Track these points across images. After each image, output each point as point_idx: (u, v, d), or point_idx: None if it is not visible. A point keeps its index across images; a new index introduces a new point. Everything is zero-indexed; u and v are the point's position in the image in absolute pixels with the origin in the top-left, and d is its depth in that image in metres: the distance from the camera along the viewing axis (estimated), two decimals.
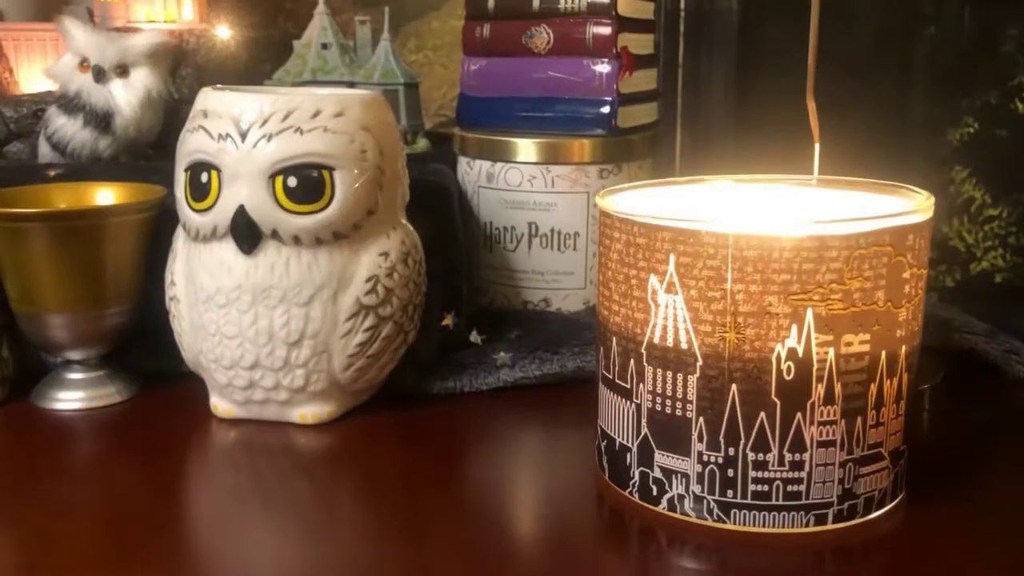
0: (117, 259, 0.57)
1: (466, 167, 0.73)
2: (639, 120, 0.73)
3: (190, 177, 0.53)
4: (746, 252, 0.40)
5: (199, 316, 0.54)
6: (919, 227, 0.42)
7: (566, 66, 0.70)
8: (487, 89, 0.73)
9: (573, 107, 0.70)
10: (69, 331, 0.57)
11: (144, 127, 0.71)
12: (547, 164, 0.69)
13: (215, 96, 0.53)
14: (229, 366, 0.54)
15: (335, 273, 0.53)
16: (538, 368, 0.60)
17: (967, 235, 1.15)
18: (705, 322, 0.41)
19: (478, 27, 0.72)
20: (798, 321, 0.40)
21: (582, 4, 0.68)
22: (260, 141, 0.51)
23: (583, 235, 0.70)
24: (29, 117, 0.76)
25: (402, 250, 0.56)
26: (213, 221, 0.52)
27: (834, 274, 0.40)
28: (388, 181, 0.55)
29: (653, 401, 0.43)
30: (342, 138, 0.52)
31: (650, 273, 0.42)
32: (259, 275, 0.52)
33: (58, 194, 0.61)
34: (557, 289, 0.71)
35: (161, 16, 0.88)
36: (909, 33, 1.09)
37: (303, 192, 0.52)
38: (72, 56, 0.69)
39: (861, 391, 0.41)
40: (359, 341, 0.54)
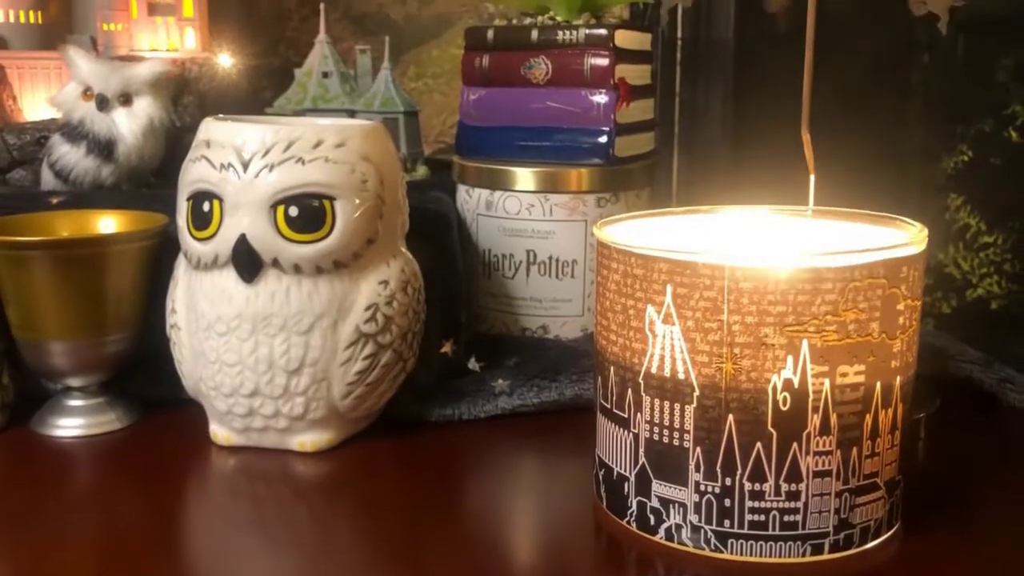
0: (118, 287, 0.57)
1: (465, 195, 0.74)
2: (636, 150, 0.74)
3: (192, 206, 0.54)
4: (742, 284, 0.40)
5: (199, 344, 0.55)
6: (913, 259, 0.42)
7: (564, 96, 0.71)
8: (486, 119, 0.74)
9: (571, 137, 0.71)
10: (70, 358, 0.57)
11: (146, 155, 0.71)
12: (545, 193, 0.70)
13: (218, 126, 0.54)
14: (229, 394, 0.54)
15: (335, 301, 0.54)
16: (536, 396, 0.60)
17: (963, 262, 1.16)
18: (702, 352, 0.41)
19: (477, 58, 0.73)
20: (794, 352, 0.40)
21: (580, 36, 0.69)
22: (262, 171, 0.52)
23: (581, 263, 0.71)
24: (32, 144, 0.77)
25: (402, 278, 0.56)
26: (215, 250, 0.53)
27: (829, 306, 0.40)
28: (388, 210, 0.56)
29: (651, 431, 0.43)
30: (343, 168, 0.53)
31: (647, 303, 0.43)
32: (259, 303, 0.53)
33: (60, 222, 0.62)
34: (555, 316, 0.71)
35: (164, 45, 0.89)
36: (904, 61, 1.10)
37: (304, 221, 0.52)
38: (76, 85, 0.70)
39: (856, 421, 0.41)
40: (358, 369, 0.54)
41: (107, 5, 0.86)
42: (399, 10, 1.17)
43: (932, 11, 0.59)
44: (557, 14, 0.73)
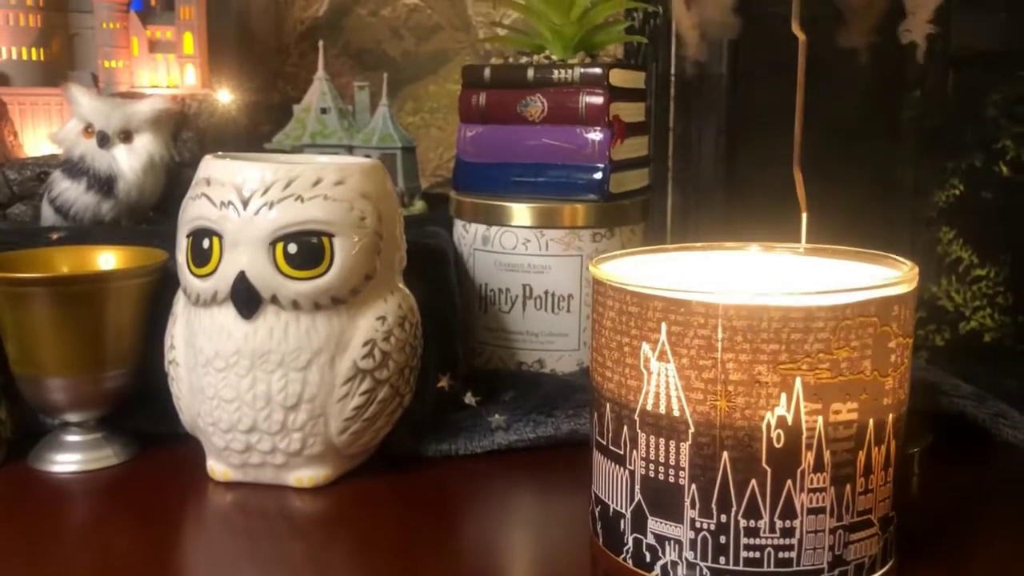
0: (118, 323, 0.58)
1: (462, 230, 0.75)
2: (631, 185, 0.75)
3: (192, 243, 0.54)
4: (735, 322, 0.41)
5: (198, 379, 0.55)
6: (904, 297, 0.43)
7: (560, 134, 0.72)
8: (483, 155, 0.75)
9: (567, 173, 0.72)
10: (68, 394, 0.58)
11: (146, 191, 0.72)
12: (541, 228, 0.71)
13: (218, 164, 0.55)
14: (227, 429, 0.54)
15: (333, 337, 0.54)
16: (533, 431, 0.61)
17: (955, 295, 1.17)
18: (697, 390, 0.42)
19: (474, 96, 0.74)
20: (787, 390, 0.41)
21: (575, 75, 0.70)
22: (262, 209, 0.52)
23: (576, 297, 0.71)
24: (32, 179, 0.78)
25: (399, 314, 0.57)
26: (214, 286, 0.53)
27: (821, 344, 0.41)
28: (386, 247, 0.56)
29: (646, 467, 0.44)
30: (342, 206, 0.54)
31: (642, 341, 0.43)
32: (258, 340, 0.53)
33: (60, 257, 0.62)
34: (551, 350, 0.72)
35: (164, 82, 0.90)
36: (895, 97, 1.12)
37: (303, 258, 0.53)
38: (77, 122, 0.71)
39: (850, 458, 0.42)
40: (355, 405, 0.55)
41: (108, 43, 0.87)
42: (397, 46, 1.19)
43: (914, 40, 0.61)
44: (553, 53, 0.74)
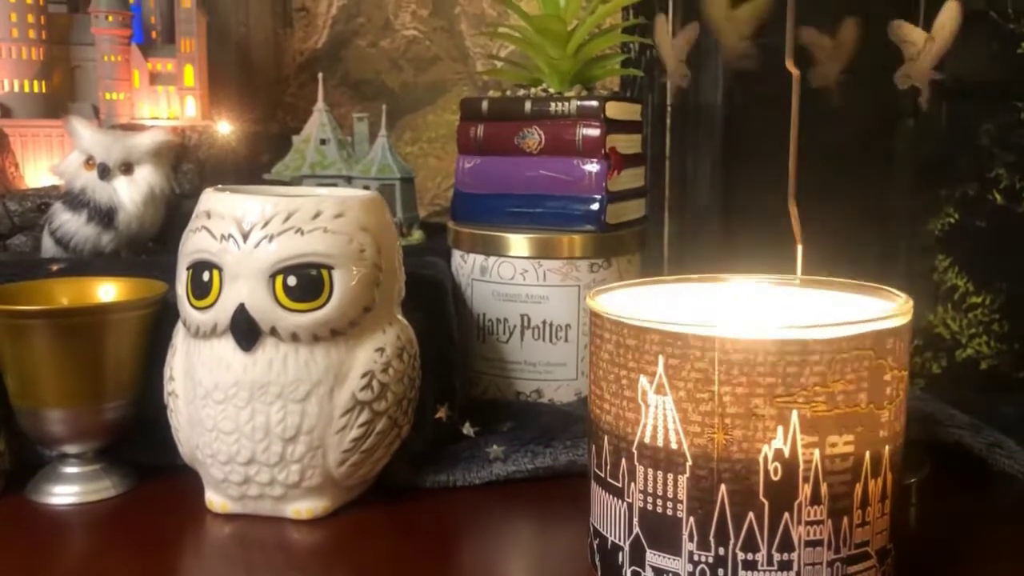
0: (117, 354, 0.58)
1: (460, 260, 0.75)
2: (627, 216, 0.75)
3: (192, 275, 0.55)
4: (732, 355, 0.41)
5: (197, 411, 0.55)
6: (898, 331, 0.43)
7: (557, 165, 0.72)
8: (481, 186, 0.75)
9: (564, 204, 0.72)
10: (67, 426, 0.58)
11: (146, 222, 0.72)
12: (539, 258, 0.71)
13: (218, 197, 0.55)
14: (225, 461, 0.54)
15: (331, 369, 0.54)
16: (531, 462, 0.61)
17: (951, 322, 1.17)
18: (694, 423, 0.42)
19: (472, 128, 0.75)
20: (784, 423, 0.41)
21: (572, 108, 0.71)
22: (262, 241, 0.53)
23: (574, 327, 0.72)
24: (33, 210, 0.78)
25: (397, 345, 0.57)
26: (214, 319, 0.54)
27: (817, 377, 0.41)
28: (385, 278, 0.56)
29: (644, 500, 0.44)
30: (341, 238, 0.54)
31: (640, 374, 0.44)
32: (257, 371, 0.53)
33: (60, 289, 0.62)
34: (549, 380, 0.72)
35: (165, 113, 0.91)
36: (888, 126, 1.13)
37: (302, 291, 0.53)
38: (79, 154, 0.72)
39: (847, 491, 0.42)
40: (354, 436, 0.55)
41: (110, 75, 0.88)
42: (395, 77, 1.20)
43: (915, 84, 0.61)
44: (550, 86, 0.75)
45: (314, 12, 1.19)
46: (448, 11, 1.18)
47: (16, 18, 0.85)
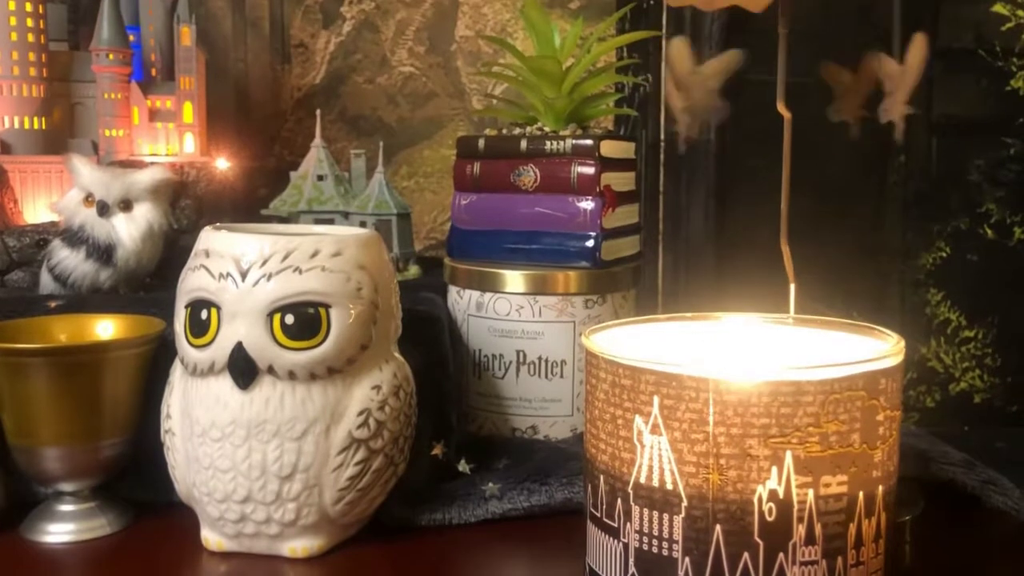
0: (115, 392, 0.58)
1: (456, 296, 0.76)
2: (622, 252, 0.76)
3: (190, 314, 0.55)
4: (726, 396, 0.42)
5: (194, 449, 0.55)
6: (890, 371, 0.44)
7: (552, 203, 0.73)
8: (477, 223, 0.76)
9: (559, 241, 0.73)
10: (64, 463, 0.58)
11: (144, 259, 0.73)
12: (534, 294, 0.72)
13: (217, 236, 0.56)
14: (222, 499, 0.54)
15: (328, 407, 0.54)
16: (527, 499, 0.61)
17: (945, 356, 1.18)
18: (689, 463, 0.42)
19: (469, 165, 0.76)
20: (778, 463, 0.41)
21: (567, 146, 0.72)
22: (260, 280, 0.53)
23: (570, 363, 0.72)
24: (31, 246, 0.78)
25: (394, 383, 0.57)
26: (211, 357, 0.54)
27: (811, 418, 0.41)
28: (382, 316, 0.57)
29: (640, 540, 0.44)
30: (339, 277, 0.55)
31: (635, 414, 0.44)
32: (254, 410, 0.53)
33: (58, 326, 0.63)
34: (545, 416, 0.72)
35: (164, 150, 0.92)
36: (881, 162, 1.14)
37: (299, 329, 0.53)
38: (78, 191, 0.72)
39: (841, 531, 0.42)
40: (350, 475, 0.55)
41: (109, 112, 0.89)
42: (392, 112, 1.21)
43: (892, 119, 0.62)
44: (545, 125, 0.76)
45: (312, 49, 1.20)
46: (444, 48, 1.20)
47: (17, 56, 0.86)
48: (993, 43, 1.14)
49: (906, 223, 1.17)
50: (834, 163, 1.11)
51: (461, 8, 1.19)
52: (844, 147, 1.10)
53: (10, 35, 0.86)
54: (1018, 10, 1.12)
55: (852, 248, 1.14)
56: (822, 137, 1.07)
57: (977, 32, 1.14)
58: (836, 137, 1.09)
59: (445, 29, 1.20)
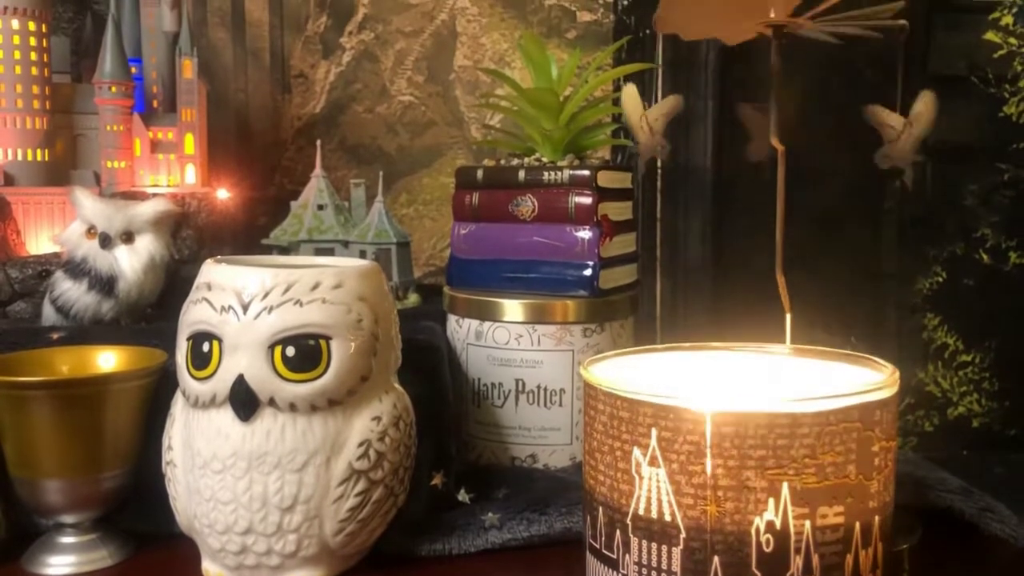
0: (116, 424, 0.59)
1: (455, 325, 0.76)
2: (620, 281, 0.76)
3: (192, 346, 0.55)
4: (723, 428, 0.42)
5: (195, 481, 0.56)
6: (885, 402, 0.44)
7: (550, 232, 0.74)
8: (476, 252, 0.77)
9: (557, 270, 0.74)
10: (65, 495, 0.58)
11: (146, 290, 0.73)
12: (533, 323, 0.72)
13: (219, 269, 0.56)
14: (223, 531, 0.55)
15: (329, 439, 0.55)
16: (526, 529, 0.61)
17: (942, 380, 1.18)
18: (687, 495, 0.43)
19: (468, 195, 0.77)
20: (775, 495, 0.42)
21: (565, 176, 0.73)
22: (262, 313, 0.54)
23: (568, 391, 0.72)
24: (34, 277, 0.79)
25: (394, 414, 0.57)
26: (213, 389, 0.54)
27: (807, 449, 0.42)
28: (382, 347, 0.57)
29: (639, 572, 0.44)
30: (340, 308, 0.55)
31: (633, 446, 0.44)
32: (255, 442, 0.54)
33: (61, 358, 0.63)
34: (544, 445, 0.73)
35: (165, 181, 0.93)
36: (876, 188, 1.15)
37: (300, 361, 0.54)
38: (80, 223, 0.73)
39: (838, 562, 0.43)
40: (350, 506, 0.55)
41: (112, 144, 0.90)
42: (391, 141, 1.22)
43: (897, 165, 0.63)
44: (543, 155, 0.77)
45: (312, 79, 1.21)
46: (443, 77, 1.21)
47: (21, 89, 0.87)
48: (986, 70, 1.16)
49: (902, 248, 1.18)
50: (830, 188, 1.12)
51: (459, 38, 1.21)
52: (840, 172, 1.11)
53: (14, 68, 0.87)
54: (1010, 38, 1.14)
55: (849, 273, 1.15)
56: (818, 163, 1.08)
57: (970, 60, 1.16)
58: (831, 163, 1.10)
59: (444, 59, 1.21)
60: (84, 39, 1.06)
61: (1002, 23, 1.12)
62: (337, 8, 1.21)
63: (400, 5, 1.21)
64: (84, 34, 1.07)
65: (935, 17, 1.13)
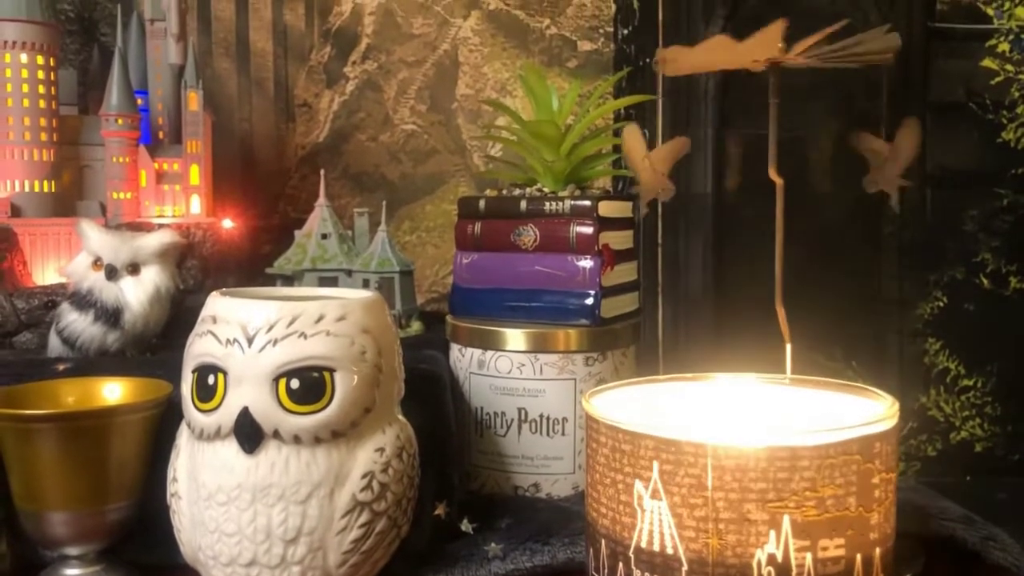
0: (122, 456, 0.59)
1: (458, 354, 0.76)
2: (621, 309, 0.77)
3: (197, 379, 0.56)
4: (724, 461, 0.42)
5: (199, 513, 0.56)
6: (885, 435, 0.44)
7: (552, 261, 0.74)
8: (478, 281, 0.77)
9: (559, 299, 0.74)
10: (70, 527, 0.58)
11: (151, 321, 0.74)
12: (535, 352, 0.73)
13: (224, 303, 0.57)
14: (227, 563, 0.55)
15: (332, 470, 0.55)
16: (529, 560, 0.61)
17: (944, 405, 1.18)
18: (689, 528, 0.43)
19: (470, 225, 0.77)
20: (776, 527, 0.42)
21: (566, 206, 0.74)
22: (266, 346, 0.54)
23: (571, 420, 0.73)
24: (40, 308, 0.80)
25: (397, 445, 0.58)
26: (218, 421, 0.55)
27: (807, 482, 0.42)
28: (385, 379, 0.58)
29: None
30: (343, 341, 0.56)
31: (635, 479, 0.45)
32: (259, 474, 0.54)
33: (66, 390, 0.63)
34: (547, 474, 0.73)
35: (170, 212, 0.94)
36: (876, 212, 1.16)
37: (304, 393, 0.54)
38: (86, 255, 0.74)
39: None
40: (354, 538, 0.55)
41: (117, 175, 0.91)
42: (394, 169, 1.23)
43: (884, 190, 0.64)
44: (544, 186, 0.77)
45: (316, 108, 1.23)
46: (445, 106, 1.22)
47: (29, 122, 0.88)
48: (984, 96, 1.16)
49: (902, 272, 1.18)
50: (827, 214, 1.12)
51: (461, 68, 1.22)
52: (839, 197, 1.12)
53: (22, 101, 0.89)
54: (1006, 65, 1.15)
55: (850, 297, 1.15)
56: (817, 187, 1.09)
57: (967, 86, 1.17)
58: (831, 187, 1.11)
59: (446, 88, 1.22)
60: (91, 71, 1.08)
61: (999, 50, 1.14)
62: (341, 38, 1.22)
63: (403, 35, 1.22)
64: (91, 66, 1.08)
65: (933, 45, 1.14)
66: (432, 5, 1.22)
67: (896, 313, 1.17)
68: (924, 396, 1.17)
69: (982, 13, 1.12)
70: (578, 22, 1.22)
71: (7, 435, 0.58)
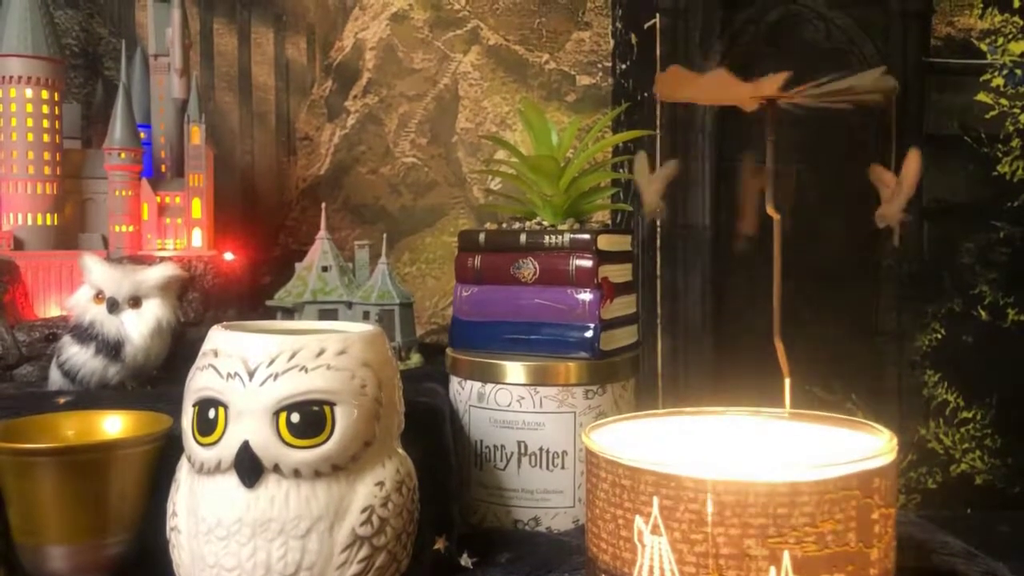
0: (121, 489, 0.59)
1: (458, 387, 0.77)
2: (621, 342, 0.77)
3: (197, 412, 0.56)
4: (724, 497, 0.42)
5: (199, 547, 0.56)
6: (884, 470, 0.45)
7: (551, 294, 0.75)
8: (478, 314, 0.78)
9: (558, 332, 0.74)
10: (69, 562, 0.58)
11: (153, 354, 0.74)
12: (535, 385, 0.73)
13: (225, 336, 0.57)
14: None
15: (332, 504, 0.55)
16: None
17: (944, 437, 1.18)
18: (689, 563, 0.43)
19: (470, 258, 0.78)
20: (776, 563, 0.42)
21: (565, 240, 0.74)
22: (267, 380, 0.54)
23: (571, 454, 0.73)
24: (41, 341, 0.80)
25: (397, 479, 0.58)
26: (218, 455, 0.55)
27: (807, 518, 0.42)
28: (385, 413, 0.58)
29: None
30: (344, 375, 0.56)
31: (635, 514, 0.45)
32: (259, 508, 0.54)
33: (67, 423, 0.63)
34: (547, 508, 0.73)
35: (172, 245, 0.94)
36: (873, 245, 1.16)
37: (305, 427, 0.54)
38: (88, 288, 0.74)
39: None
40: (353, 572, 0.55)
41: (120, 209, 0.92)
42: (395, 201, 1.24)
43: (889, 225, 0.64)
44: (544, 219, 0.78)
45: (317, 141, 1.24)
46: (446, 139, 1.24)
47: (33, 156, 0.89)
48: (979, 130, 1.18)
49: (900, 305, 1.19)
50: (826, 247, 1.13)
51: (462, 102, 1.23)
52: (837, 230, 1.13)
53: (26, 136, 0.89)
54: (1000, 99, 1.16)
55: (848, 330, 1.15)
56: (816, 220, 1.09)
57: (963, 120, 1.18)
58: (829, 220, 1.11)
59: (446, 122, 1.23)
60: (95, 105, 1.09)
61: (993, 84, 1.15)
62: (342, 73, 1.24)
63: (404, 70, 1.23)
64: (95, 100, 1.09)
65: (929, 79, 1.16)
66: (433, 40, 1.23)
67: (894, 345, 1.18)
68: (924, 428, 1.17)
69: (976, 48, 1.14)
70: (577, 57, 1.23)
71: (6, 469, 0.58)
